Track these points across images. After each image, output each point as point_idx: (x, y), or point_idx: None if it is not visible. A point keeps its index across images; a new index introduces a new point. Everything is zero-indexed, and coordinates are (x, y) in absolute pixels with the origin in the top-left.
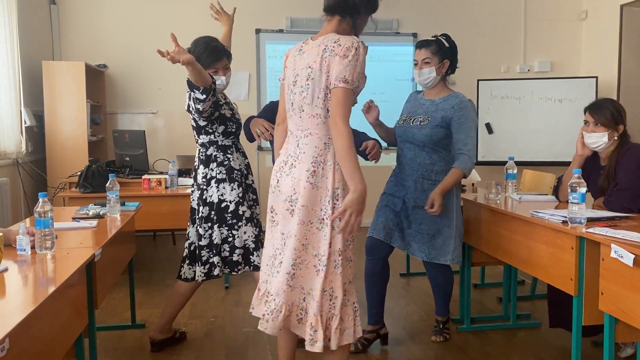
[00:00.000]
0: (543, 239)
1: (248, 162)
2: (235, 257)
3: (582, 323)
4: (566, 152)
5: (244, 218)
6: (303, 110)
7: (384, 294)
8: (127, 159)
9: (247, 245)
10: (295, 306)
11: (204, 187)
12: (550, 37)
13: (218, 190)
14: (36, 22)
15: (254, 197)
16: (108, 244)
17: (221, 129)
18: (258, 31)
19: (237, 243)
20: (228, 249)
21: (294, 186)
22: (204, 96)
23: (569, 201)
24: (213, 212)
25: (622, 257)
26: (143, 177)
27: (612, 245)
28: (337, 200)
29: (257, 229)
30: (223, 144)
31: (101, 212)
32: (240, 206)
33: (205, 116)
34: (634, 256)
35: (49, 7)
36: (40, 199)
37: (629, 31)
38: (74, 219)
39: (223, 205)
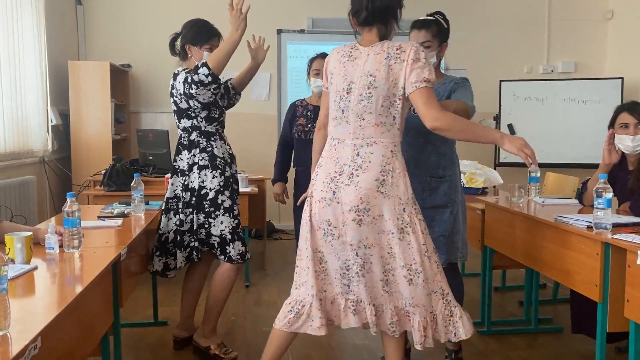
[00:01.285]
0: (567, 243)
1: (232, 152)
2: (212, 240)
3: (607, 330)
4: (590, 155)
5: (222, 207)
6: (364, 119)
7: None
8: (151, 157)
9: (223, 235)
10: (399, 309)
11: (187, 173)
12: (574, 37)
13: (199, 177)
14: (63, 23)
15: (236, 187)
16: (133, 243)
17: (204, 114)
18: (279, 31)
19: (213, 231)
20: (204, 233)
21: (360, 196)
22: (209, 80)
23: (594, 206)
24: (194, 199)
25: None
26: (166, 176)
27: (639, 252)
28: (415, 206)
29: (236, 221)
30: (206, 130)
31: (126, 211)
32: (219, 195)
33: (191, 103)
34: None
35: (75, 7)
36: (69, 199)
37: None
38: (99, 217)
39: (203, 192)
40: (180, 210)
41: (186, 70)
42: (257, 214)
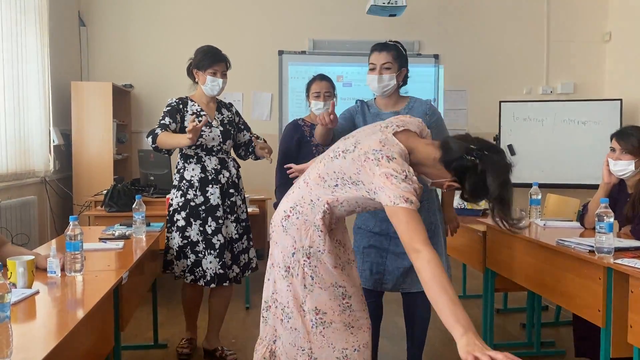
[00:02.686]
0: (569, 267)
1: (213, 177)
2: (168, 257)
3: (610, 356)
4: (591, 175)
5: (175, 225)
6: (320, 162)
7: (378, 334)
8: (152, 178)
9: (171, 252)
10: (267, 342)
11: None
12: (573, 58)
13: (171, 195)
14: (66, 44)
15: (203, 214)
16: (134, 266)
17: None
18: (281, 53)
19: (170, 244)
20: (165, 249)
21: (274, 218)
22: (151, 148)
23: (596, 230)
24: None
25: None
26: (167, 196)
27: None
28: (307, 258)
29: (185, 241)
30: (185, 152)
31: (127, 233)
32: (176, 213)
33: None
34: None
35: (79, 29)
36: (71, 223)
37: None
38: (100, 239)
39: (170, 209)
40: None
41: (169, 102)
42: (257, 234)
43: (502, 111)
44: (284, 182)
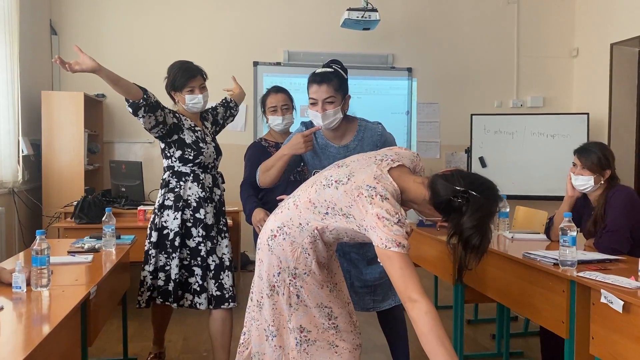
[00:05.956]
0: (535, 280)
1: (207, 196)
2: (170, 287)
3: None
4: (559, 187)
5: (178, 250)
6: (311, 187)
7: None
8: (123, 189)
9: (177, 279)
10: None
11: (157, 212)
12: (542, 73)
13: (162, 217)
14: (37, 53)
15: (204, 232)
16: (103, 280)
17: (178, 153)
18: (256, 64)
19: (172, 274)
20: (164, 278)
21: (261, 235)
22: (131, 110)
23: (560, 244)
24: (158, 238)
25: (611, 302)
26: (139, 208)
27: (602, 290)
28: (294, 278)
29: (181, 263)
30: (179, 170)
31: (96, 246)
32: (177, 237)
33: (155, 135)
34: (623, 302)
35: (50, 37)
36: (38, 237)
37: (619, 69)
38: (69, 252)
39: (165, 232)
40: (147, 247)
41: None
42: (231, 245)
43: (474, 124)
44: (253, 194)
